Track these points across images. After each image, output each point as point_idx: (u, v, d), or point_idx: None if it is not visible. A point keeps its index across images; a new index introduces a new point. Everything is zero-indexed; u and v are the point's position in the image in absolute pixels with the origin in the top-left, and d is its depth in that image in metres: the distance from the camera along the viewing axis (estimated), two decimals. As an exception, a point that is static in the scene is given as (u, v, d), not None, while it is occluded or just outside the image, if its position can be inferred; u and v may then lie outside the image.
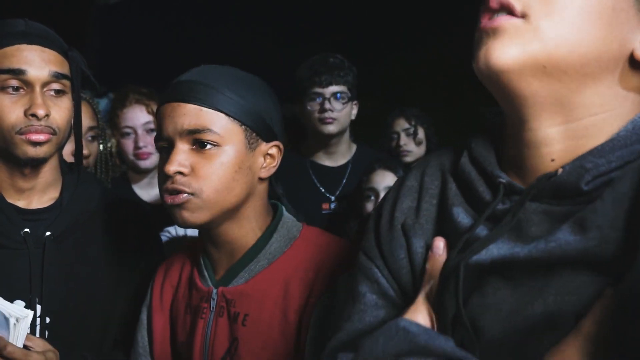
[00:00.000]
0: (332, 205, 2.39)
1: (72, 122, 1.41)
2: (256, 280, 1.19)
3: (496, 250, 0.74)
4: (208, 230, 1.21)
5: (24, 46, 1.30)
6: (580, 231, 0.69)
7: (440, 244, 0.83)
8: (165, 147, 1.17)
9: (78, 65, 1.38)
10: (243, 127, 1.16)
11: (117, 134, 2.51)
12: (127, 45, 6.26)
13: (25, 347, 1.18)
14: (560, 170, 0.74)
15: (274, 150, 1.22)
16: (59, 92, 1.33)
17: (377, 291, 0.89)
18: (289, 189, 1.53)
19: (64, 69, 1.35)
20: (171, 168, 1.12)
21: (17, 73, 1.28)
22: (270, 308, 1.16)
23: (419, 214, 0.89)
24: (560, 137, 0.76)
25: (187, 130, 1.13)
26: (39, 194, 1.39)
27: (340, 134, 2.43)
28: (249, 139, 1.17)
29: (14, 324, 1.14)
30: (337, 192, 2.42)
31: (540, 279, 0.72)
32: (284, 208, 1.28)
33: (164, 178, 1.14)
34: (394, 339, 0.74)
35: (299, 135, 2.57)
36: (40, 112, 1.27)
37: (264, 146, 1.20)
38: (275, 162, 1.23)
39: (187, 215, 1.14)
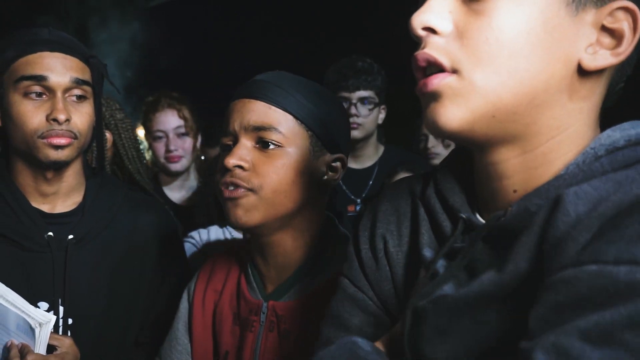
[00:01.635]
0: (358, 208, 2.39)
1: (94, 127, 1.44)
2: (309, 297, 1.13)
3: (447, 288, 0.74)
4: (259, 237, 1.16)
5: (46, 53, 1.34)
6: (501, 269, 0.68)
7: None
8: (229, 145, 1.14)
9: (99, 72, 1.41)
10: (309, 132, 1.13)
11: (149, 137, 2.57)
12: (167, 46, 6.37)
13: (51, 346, 1.22)
14: (509, 210, 0.72)
15: (337, 164, 1.18)
16: (80, 98, 1.36)
17: (368, 321, 0.88)
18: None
19: (85, 75, 1.38)
20: (232, 161, 1.09)
21: (40, 79, 1.32)
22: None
23: (401, 241, 0.88)
24: (520, 168, 0.74)
25: (253, 127, 1.11)
26: (63, 198, 1.43)
27: (365, 138, 2.42)
28: (314, 146, 1.14)
29: (38, 330, 1.17)
30: (364, 194, 2.41)
31: (465, 319, 0.70)
32: (335, 222, 1.24)
33: (223, 171, 1.11)
34: (344, 350, 0.76)
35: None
36: (61, 117, 1.30)
37: (328, 157, 1.17)
38: (338, 176, 1.19)
39: (241, 213, 1.10)
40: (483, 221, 0.77)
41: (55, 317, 1.20)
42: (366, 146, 2.47)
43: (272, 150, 1.10)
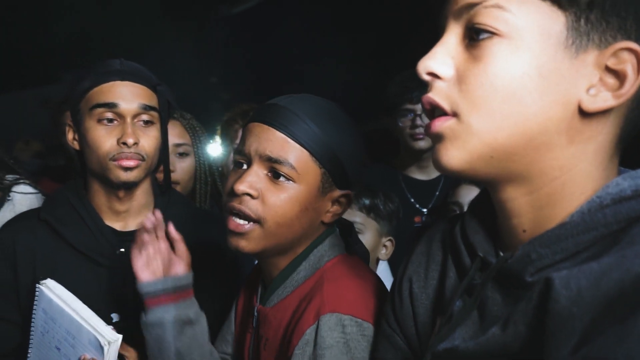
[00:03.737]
0: (425, 219, 2.39)
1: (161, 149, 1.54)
2: (279, 306, 1.17)
3: (457, 337, 0.76)
4: (258, 258, 1.22)
5: (117, 83, 1.45)
6: (505, 326, 0.69)
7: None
8: (241, 163, 1.15)
9: (165, 98, 1.51)
10: (322, 170, 1.12)
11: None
12: (249, 50, 6.54)
13: (121, 355, 1.31)
14: (515, 253, 0.73)
15: (343, 199, 1.18)
16: (147, 123, 1.47)
17: (397, 357, 0.92)
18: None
19: (153, 101, 1.48)
20: (241, 187, 1.10)
21: (111, 106, 1.43)
22: (281, 335, 1.14)
23: (427, 283, 0.91)
24: (528, 208, 0.75)
25: (268, 157, 1.10)
26: (134, 216, 1.54)
27: (432, 148, 2.40)
28: (324, 183, 1.13)
29: (106, 347, 1.24)
30: (430, 205, 2.41)
31: None
32: (331, 235, 1.22)
33: (231, 194, 1.13)
34: None
35: (392, 149, 2.58)
36: (130, 141, 1.41)
37: (336, 192, 1.16)
38: (342, 210, 1.19)
39: (244, 244, 1.12)
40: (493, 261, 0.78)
41: (121, 336, 1.27)
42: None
43: (282, 182, 1.10)
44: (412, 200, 2.43)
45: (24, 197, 1.98)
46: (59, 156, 3.13)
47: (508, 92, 0.69)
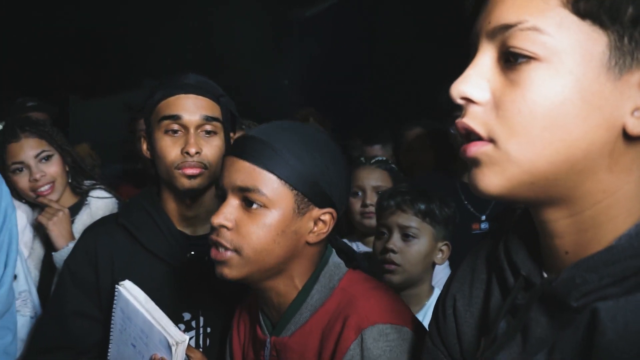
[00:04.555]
0: (483, 225, 2.37)
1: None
2: (299, 333, 1.19)
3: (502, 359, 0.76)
4: (251, 285, 1.22)
5: (182, 96, 1.54)
6: (551, 353, 0.69)
7: None
8: (221, 196, 1.20)
9: (227, 109, 1.60)
10: (294, 191, 1.14)
11: None
12: (320, 52, 6.61)
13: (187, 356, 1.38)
14: (560, 276, 0.71)
15: (326, 217, 1.18)
16: (209, 133, 1.56)
17: None
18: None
19: (215, 112, 1.57)
20: (216, 220, 1.14)
21: (175, 118, 1.53)
22: (310, 359, 1.16)
23: (471, 301, 0.90)
24: (570, 229, 0.73)
25: (239, 187, 1.14)
26: (202, 222, 1.63)
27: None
28: (299, 204, 1.14)
29: (174, 348, 1.31)
30: (487, 212, 2.39)
31: None
32: (331, 255, 1.25)
33: (211, 228, 1.17)
34: None
35: (448, 156, 2.58)
36: (192, 150, 1.50)
37: (315, 212, 1.17)
38: (327, 229, 1.19)
39: (227, 271, 1.16)
40: (543, 277, 0.77)
41: (188, 337, 1.34)
42: None
43: (255, 209, 1.13)
44: (469, 206, 2.41)
45: (100, 201, 2.14)
46: (137, 162, 3.31)
47: (549, 119, 0.66)
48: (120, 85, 8.43)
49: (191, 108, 1.53)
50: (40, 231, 2.12)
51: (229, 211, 1.15)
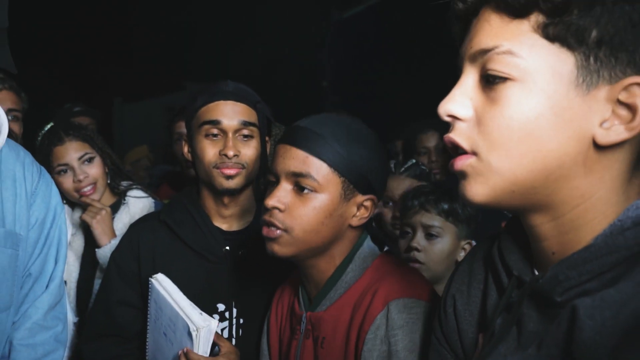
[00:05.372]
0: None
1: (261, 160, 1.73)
2: (333, 307, 1.29)
3: (500, 353, 0.82)
4: (297, 262, 1.33)
5: (221, 102, 1.66)
6: (539, 347, 0.76)
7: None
8: (273, 182, 1.29)
9: (263, 115, 1.71)
10: (342, 178, 1.24)
11: None
12: (358, 53, 6.67)
13: (215, 343, 1.45)
14: (546, 274, 0.78)
15: (368, 203, 1.29)
16: (246, 137, 1.67)
17: None
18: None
19: (252, 118, 1.68)
20: (270, 202, 1.25)
21: (215, 123, 1.65)
22: (342, 332, 1.26)
23: (469, 300, 0.96)
24: (554, 232, 0.79)
25: (292, 172, 1.24)
26: (238, 219, 1.75)
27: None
28: (345, 190, 1.25)
29: (195, 333, 1.39)
30: None
31: None
32: (366, 239, 1.35)
33: (264, 209, 1.28)
34: None
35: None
36: (230, 153, 1.62)
37: (359, 197, 1.27)
38: (368, 214, 1.30)
39: (277, 248, 1.26)
40: (533, 276, 0.83)
41: (216, 321, 1.42)
42: None
43: (306, 194, 1.23)
44: None
45: (137, 201, 2.27)
46: (176, 163, 3.43)
47: (524, 132, 0.73)
48: (162, 88, 8.66)
49: (230, 114, 1.65)
50: (81, 228, 2.26)
51: (282, 194, 1.25)
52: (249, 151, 1.66)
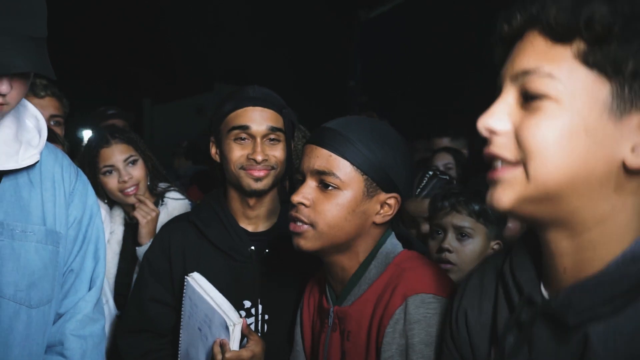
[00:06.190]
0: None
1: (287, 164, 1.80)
2: (358, 302, 1.35)
3: None
4: (321, 257, 1.39)
5: (250, 108, 1.74)
6: None
7: None
8: (300, 180, 1.37)
9: (290, 120, 1.78)
10: (364, 176, 1.30)
11: None
12: (385, 53, 6.70)
13: (244, 335, 1.54)
14: (558, 296, 0.82)
15: (391, 201, 1.34)
16: (273, 140, 1.75)
17: None
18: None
19: (279, 123, 1.75)
20: (296, 198, 1.33)
21: (244, 128, 1.72)
22: (365, 326, 1.32)
23: (481, 314, 1.00)
24: (570, 250, 0.83)
25: (317, 170, 1.31)
26: (263, 220, 1.83)
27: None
28: (368, 188, 1.31)
29: (232, 328, 1.48)
30: None
31: None
32: (389, 237, 1.40)
33: (292, 205, 1.35)
34: None
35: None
36: (259, 158, 1.70)
37: (382, 195, 1.33)
38: (392, 211, 1.35)
39: (302, 242, 1.34)
40: (543, 296, 0.87)
41: (242, 319, 1.51)
42: None
43: (330, 191, 1.31)
44: None
45: (176, 202, 2.38)
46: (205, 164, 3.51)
47: (558, 146, 0.78)
48: (191, 89, 8.81)
49: (258, 119, 1.72)
50: (122, 226, 2.39)
51: (307, 191, 1.33)
52: (277, 153, 1.74)
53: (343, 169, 1.30)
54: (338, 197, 1.31)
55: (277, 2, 6.45)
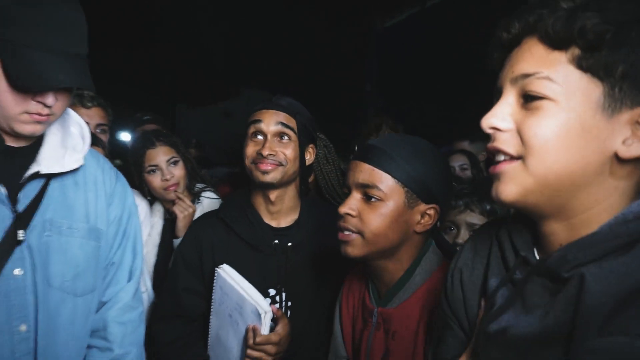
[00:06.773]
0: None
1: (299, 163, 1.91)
2: (403, 305, 1.44)
3: (504, 320, 0.94)
4: (367, 262, 1.47)
5: (264, 110, 1.88)
6: (546, 313, 0.87)
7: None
8: (346, 193, 1.46)
9: (303, 124, 1.90)
10: (405, 188, 1.38)
11: None
12: (400, 62, 6.77)
13: (273, 320, 1.67)
14: (553, 255, 0.89)
15: (431, 211, 1.42)
16: (283, 137, 1.86)
17: (457, 336, 1.15)
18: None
19: (290, 123, 1.87)
20: (342, 209, 1.42)
21: (256, 122, 1.86)
22: (412, 328, 1.40)
23: (473, 272, 1.09)
24: (563, 230, 0.91)
25: (361, 184, 1.40)
26: (284, 216, 1.96)
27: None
28: (408, 199, 1.39)
29: (263, 315, 1.61)
30: None
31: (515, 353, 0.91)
32: (431, 245, 1.49)
33: (338, 217, 1.44)
34: None
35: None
36: (265, 152, 1.82)
37: (422, 206, 1.41)
38: (432, 221, 1.42)
39: (350, 249, 1.42)
40: (537, 258, 0.95)
41: (272, 306, 1.65)
42: None
43: (374, 202, 1.39)
44: None
45: (211, 202, 2.56)
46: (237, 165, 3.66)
47: (557, 142, 0.84)
48: (221, 94, 9.00)
49: (269, 118, 1.85)
50: (162, 220, 2.57)
51: (353, 203, 1.42)
52: (286, 150, 1.85)
53: (385, 182, 1.39)
54: (381, 208, 1.39)
55: (297, 13, 6.58)
